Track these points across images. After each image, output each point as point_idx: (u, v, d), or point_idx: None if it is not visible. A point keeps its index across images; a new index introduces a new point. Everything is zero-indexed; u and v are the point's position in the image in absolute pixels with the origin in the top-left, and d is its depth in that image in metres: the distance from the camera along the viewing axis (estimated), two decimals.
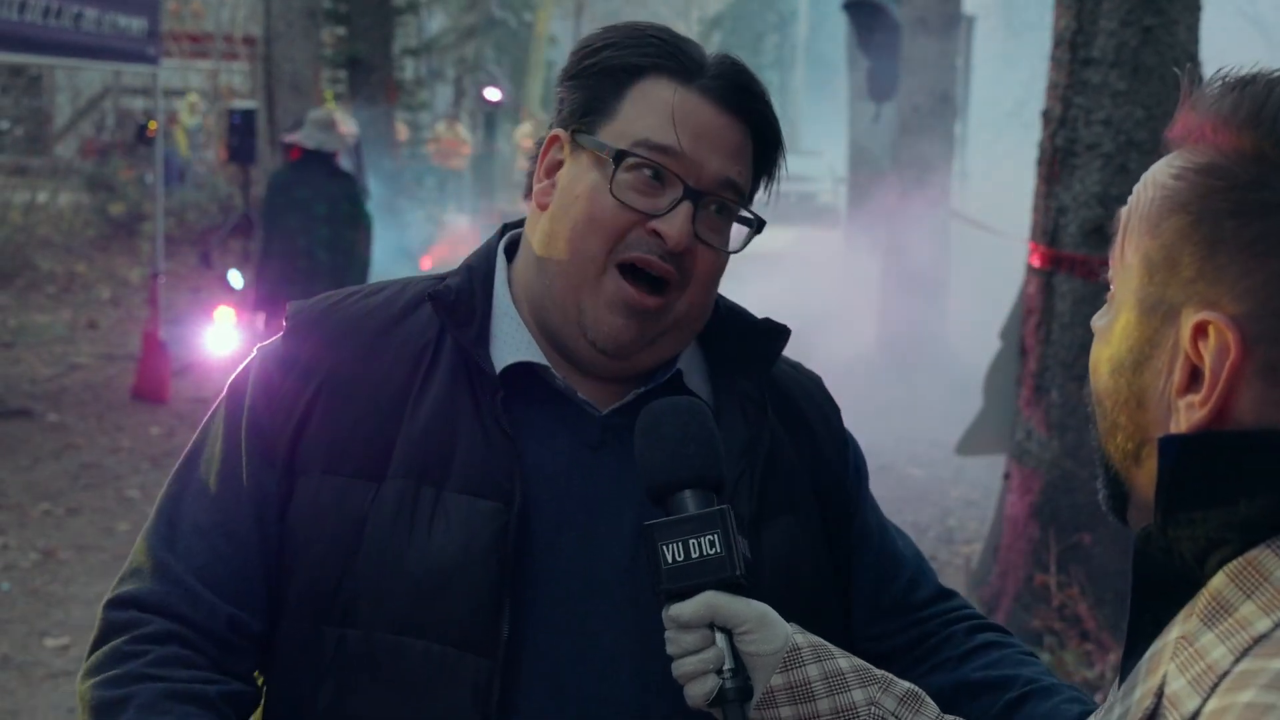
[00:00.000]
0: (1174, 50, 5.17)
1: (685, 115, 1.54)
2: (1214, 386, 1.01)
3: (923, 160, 11.83)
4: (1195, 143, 1.07)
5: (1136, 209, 1.09)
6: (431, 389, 1.56)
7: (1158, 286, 1.05)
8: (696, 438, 1.45)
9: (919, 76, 11.80)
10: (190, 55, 22.38)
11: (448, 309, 1.59)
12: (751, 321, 1.69)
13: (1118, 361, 1.09)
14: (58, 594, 6.47)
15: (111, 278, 16.10)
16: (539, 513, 1.54)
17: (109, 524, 7.51)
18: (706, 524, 1.41)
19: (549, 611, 1.53)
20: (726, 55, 1.60)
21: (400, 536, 1.51)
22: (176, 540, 1.57)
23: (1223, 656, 0.97)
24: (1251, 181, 1.01)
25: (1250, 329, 1.00)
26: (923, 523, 7.88)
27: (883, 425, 10.27)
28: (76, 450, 8.95)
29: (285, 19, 12.32)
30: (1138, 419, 1.08)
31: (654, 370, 1.62)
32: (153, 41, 10.34)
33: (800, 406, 1.73)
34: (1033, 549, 5.43)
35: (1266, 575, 0.99)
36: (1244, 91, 1.04)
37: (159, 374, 10.19)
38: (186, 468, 1.62)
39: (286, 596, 1.56)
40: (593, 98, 1.57)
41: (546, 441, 1.57)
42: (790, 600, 1.60)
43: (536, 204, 1.60)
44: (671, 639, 1.42)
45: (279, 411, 1.57)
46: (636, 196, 1.53)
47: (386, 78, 16.69)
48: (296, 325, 1.63)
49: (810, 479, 1.70)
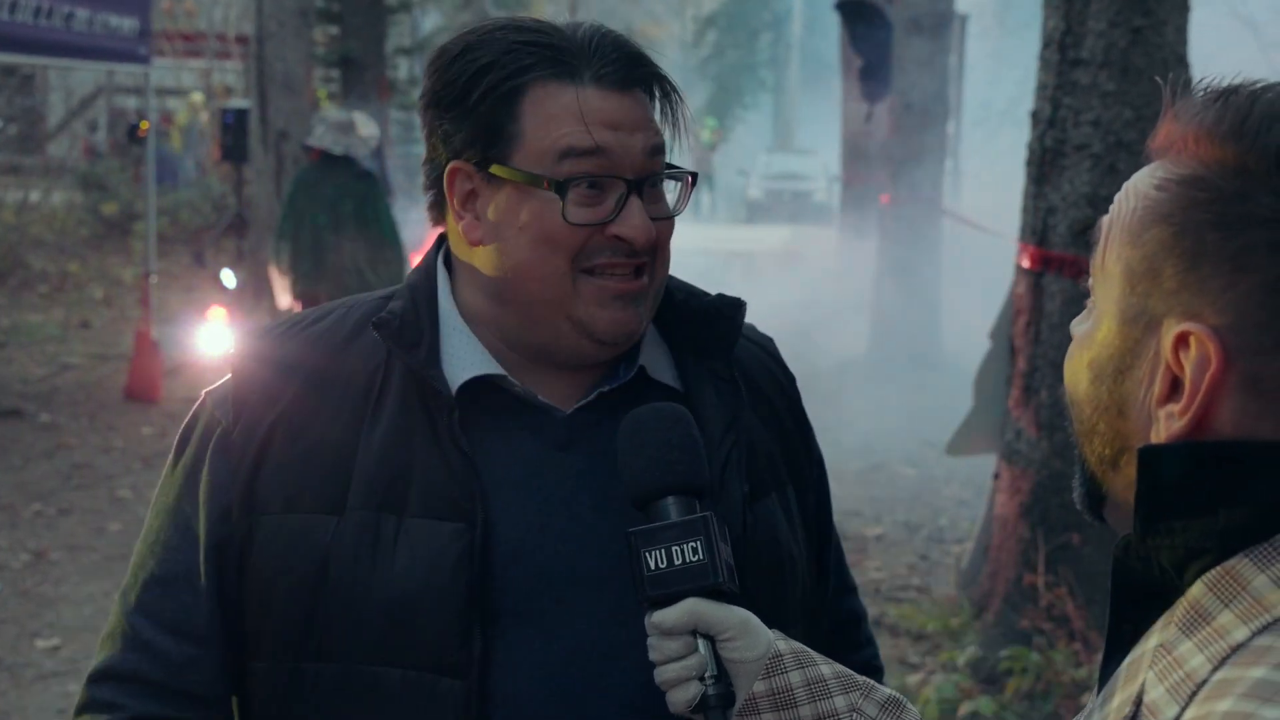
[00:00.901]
0: (1163, 51, 5.17)
1: (594, 113, 1.51)
2: (1194, 397, 1.01)
3: (916, 159, 11.84)
4: (1178, 153, 1.06)
5: (1118, 219, 1.09)
6: (384, 415, 1.55)
7: (1140, 297, 1.05)
8: (679, 444, 1.46)
9: (911, 76, 11.80)
10: (183, 54, 22.36)
11: (394, 334, 1.56)
12: (708, 300, 1.68)
13: (1099, 369, 1.09)
14: (49, 595, 6.46)
15: (104, 277, 16.09)
16: (511, 522, 1.54)
17: (101, 524, 7.50)
18: (689, 531, 1.41)
19: (531, 620, 1.53)
20: (594, 28, 1.56)
21: (364, 567, 1.51)
22: (143, 597, 1.60)
23: (1201, 665, 0.98)
24: (1235, 194, 1.01)
25: (1231, 340, 1.00)
26: (915, 521, 7.90)
27: (875, 424, 10.28)
28: (68, 450, 8.95)
29: (277, 18, 12.30)
30: (1117, 426, 1.08)
31: (617, 363, 1.61)
32: (144, 41, 10.33)
33: (759, 381, 1.72)
34: (1022, 549, 5.44)
35: (1245, 584, 0.99)
36: (1227, 103, 1.04)
37: (151, 374, 10.19)
38: (151, 522, 1.64)
39: (262, 637, 1.57)
40: (487, 125, 1.52)
41: (510, 451, 1.57)
42: (783, 582, 1.62)
43: (466, 239, 1.57)
44: (654, 646, 1.42)
45: (233, 460, 1.57)
46: (586, 211, 1.51)
47: (379, 77, 16.66)
48: (243, 366, 1.62)
49: (782, 455, 1.71)
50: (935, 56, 11.88)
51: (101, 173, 18.98)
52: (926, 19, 11.78)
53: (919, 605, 6.37)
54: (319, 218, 8.26)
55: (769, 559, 1.61)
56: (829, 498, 1.82)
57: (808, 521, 1.73)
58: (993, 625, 5.52)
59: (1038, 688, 5.02)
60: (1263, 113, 1.02)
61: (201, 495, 1.58)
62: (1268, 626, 0.97)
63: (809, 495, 1.75)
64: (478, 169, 1.55)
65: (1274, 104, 1.02)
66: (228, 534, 1.57)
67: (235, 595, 1.57)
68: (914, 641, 5.95)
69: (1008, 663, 5.15)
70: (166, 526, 1.61)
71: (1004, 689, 5.12)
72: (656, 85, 1.58)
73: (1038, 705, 4.99)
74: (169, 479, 1.64)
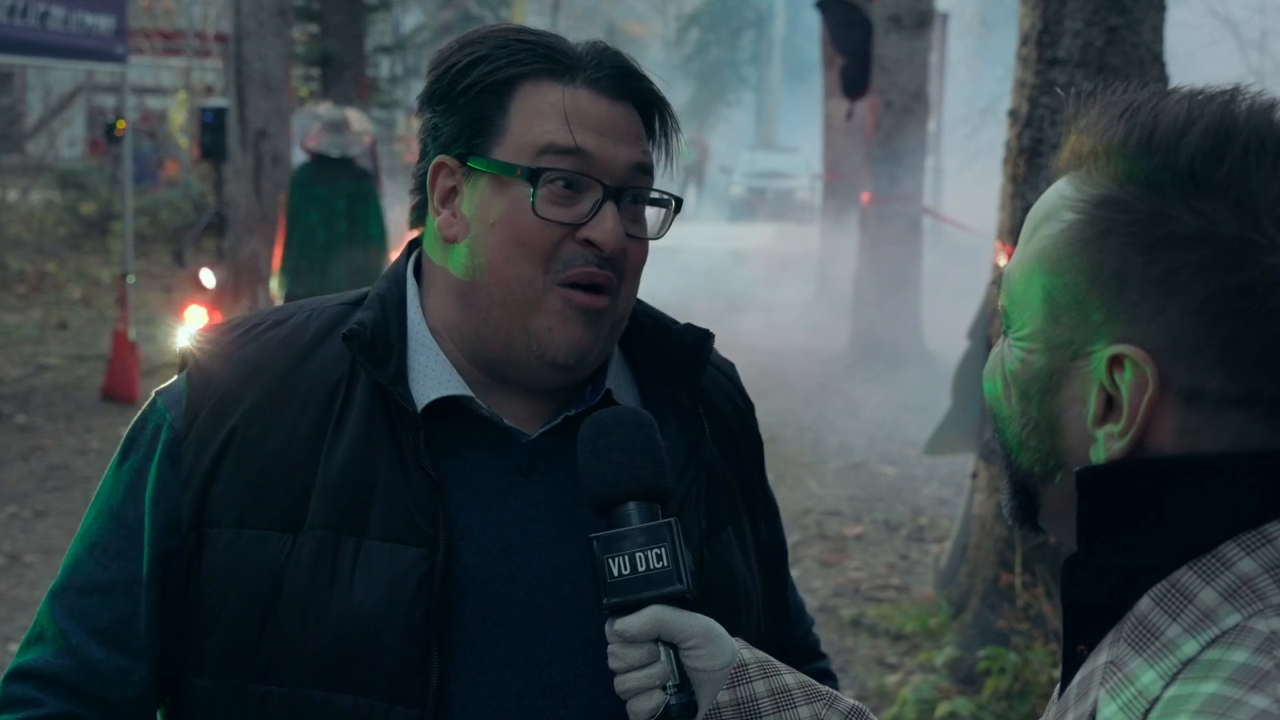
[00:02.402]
0: (1139, 51, 5.17)
1: (580, 114, 1.49)
2: (1133, 418, 1.01)
3: (896, 157, 11.84)
4: (1088, 171, 1.06)
5: (1031, 240, 1.08)
6: (347, 430, 1.50)
7: (1066, 329, 1.05)
8: (643, 449, 1.43)
9: (892, 74, 11.80)
10: (162, 53, 22.26)
11: (363, 348, 1.51)
12: (676, 329, 1.65)
13: (1023, 388, 1.08)
14: (23, 598, 6.42)
15: (82, 277, 16.01)
16: (471, 549, 1.50)
17: (76, 527, 7.43)
18: (653, 537, 1.39)
19: (490, 648, 1.49)
20: (597, 42, 1.55)
21: (321, 589, 1.46)
22: (77, 601, 1.54)
23: (1153, 682, 0.97)
24: (1152, 214, 1.00)
25: (1167, 361, 1.00)
26: (895, 520, 7.89)
27: (855, 423, 10.28)
28: (44, 452, 8.89)
29: (255, 17, 12.25)
30: (1050, 443, 1.08)
31: (583, 387, 1.59)
32: (120, 40, 10.27)
33: (721, 411, 1.70)
34: (999, 549, 5.44)
35: (1191, 597, 0.99)
36: (1133, 119, 1.03)
37: (129, 374, 10.15)
38: (91, 523, 1.57)
39: (205, 652, 1.50)
40: (475, 118, 1.51)
41: (475, 474, 1.53)
42: (738, 614, 1.60)
43: (443, 236, 1.54)
44: (616, 654, 1.39)
45: (184, 468, 1.51)
46: (558, 209, 1.48)
47: (360, 75, 16.63)
48: (199, 367, 1.56)
49: (739, 485, 1.69)
50: (916, 54, 11.88)
51: (80, 172, 18.89)
52: (907, 17, 11.78)
53: (898, 605, 6.37)
54: (312, 215, 8.35)
55: (724, 592, 1.58)
56: (781, 528, 1.81)
57: (761, 551, 1.71)
58: (970, 625, 5.52)
59: (1015, 688, 5.01)
60: (1169, 126, 1.01)
61: (148, 501, 1.52)
62: (1216, 639, 0.97)
63: (760, 524, 1.73)
64: (460, 163, 1.52)
65: (1179, 117, 1.01)
66: (175, 545, 1.51)
67: (178, 608, 1.52)
68: (893, 642, 5.95)
69: (986, 663, 5.14)
70: (108, 529, 1.54)
71: (982, 689, 5.11)
72: (650, 103, 1.56)
73: (1015, 705, 4.99)
74: (114, 479, 1.57)
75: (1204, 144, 0.99)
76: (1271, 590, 0.98)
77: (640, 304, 1.63)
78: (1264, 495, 0.99)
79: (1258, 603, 0.97)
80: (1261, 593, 0.98)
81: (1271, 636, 0.95)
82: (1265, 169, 0.99)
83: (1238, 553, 0.99)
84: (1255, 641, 0.95)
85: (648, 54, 49.02)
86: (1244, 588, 0.98)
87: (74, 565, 1.56)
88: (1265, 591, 0.98)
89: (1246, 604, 0.97)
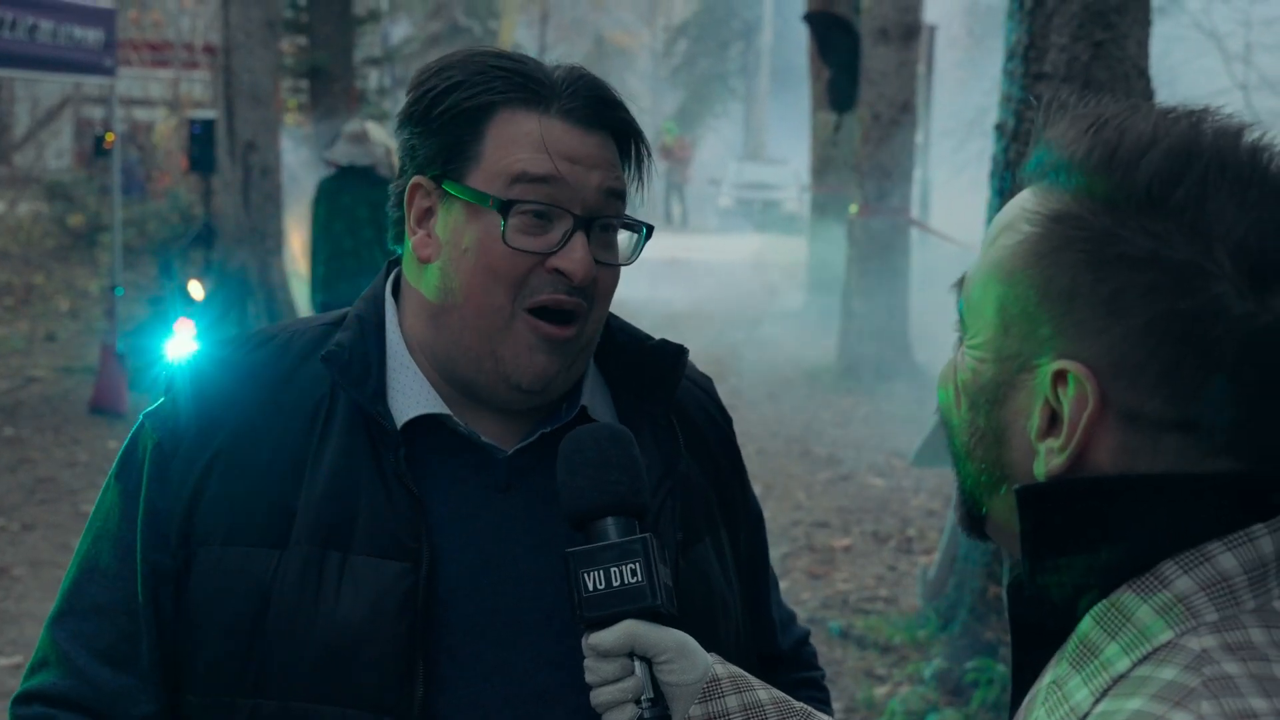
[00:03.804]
0: (1124, 65, 5.20)
1: (554, 142, 1.52)
2: (1073, 434, 1.01)
3: (884, 169, 11.88)
4: (1050, 184, 1.05)
5: (989, 249, 1.08)
6: (329, 448, 1.54)
7: (1015, 340, 1.04)
8: (619, 464, 1.45)
9: (879, 86, 11.85)
10: (151, 64, 22.24)
11: (341, 369, 1.55)
12: (650, 345, 1.68)
13: (973, 397, 1.08)
14: (10, 611, 6.40)
15: (70, 289, 15.98)
16: (452, 563, 1.53)
17: (64, 540, 7.43)
18: (628, 552, 1.41)
19: (472, 661, 1.52)
20: (573, 69, 1.57)
21: (307, 604, 1.49)
22: (79, 625, 1.57)
23: (1085, 699, 0.98)
24: (1105, 234, 0.99)
25: (1109, 379, 0.99)
26: (883, 532, 7.91)
27: (843, 434, 10.30)
28: (32, 464, 8.87)
29: (244, 29, 12.25)
30: (996, 454, 1.07)
31: (559, 404, 1.61)
32: (109, 53, 10.28)
33: (698, 424, 1.73)
34: (986, 560, 5.45)
35: (1129, 616, 0.99)
36: (1097, 135, 1.02)
37: (117, 386, 10.13)
38: (87, 547, 1.60)
39: (196, 668, 1.54)
40: (451, 143, 1.54)
41: (454, 490, 1.56)
42: (716, 626, 1.61)
43: (418, 256, 1.57)
44: (590, 668, 1.42)
45: (172, 488, 1.55)
46: (529, 239, 1.51)
47: (348, 87, 16.63)
48: (184, 390, 1.60)
49: (717, 499, 1.71)
50: (903, 66, 11.93)
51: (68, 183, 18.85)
52: (894, 29, 11.83)
53: (886, 617, 6.38)
54: (336, 225, 8.51)
55: (702, 604, 1.60)
56: (764, 539, 1.82)
57: (740, 562, 1.73)
58: (959, 636, 5.53)
59: (1003, 699, 5.03)
60: (1132, 144, 1.00)
61: (140, 522, 1.56)
62: (1147, 656, 0.97)
63: (740, 535, 1.75)
64: (436, 184, 1.55)
65: (1143, 135, 1.00)
66: (166, 564, 1.54)
67: (171, 626, 1.55)
68: (881, 653, 5.96)
69: (974, 674, 5.16)
70: (105, 552, 1.58)
71: (970, 700, 5.13)
72: (624, 129, 1.58)
73: (1003, 716, 5.00)
74: (106, 502, 1.61)
75: (1164, 165, 0.98)
76: (1206, 608, 0.97)
77: (615, 319, 1.66)
78: (1202, 515, 0.99)
79: (1191, 620, 0.97)
80: (1196, 610, 0.97)
81: (1202, 654, 0.95)
82: (1223, 194, 0.97)
83: (1175, 571, 0.98)
84: (1185, 659, 0.95)
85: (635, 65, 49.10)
86: (1178, 605, 0.98)
87: (72, 590, 1.59)
88: (1200, 609, 0.97)
89: (1180, 621, 0.97)
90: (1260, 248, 0.97)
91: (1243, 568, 0.98)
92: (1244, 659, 0.95)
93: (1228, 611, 0.98)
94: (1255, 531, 0.99)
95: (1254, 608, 0.98)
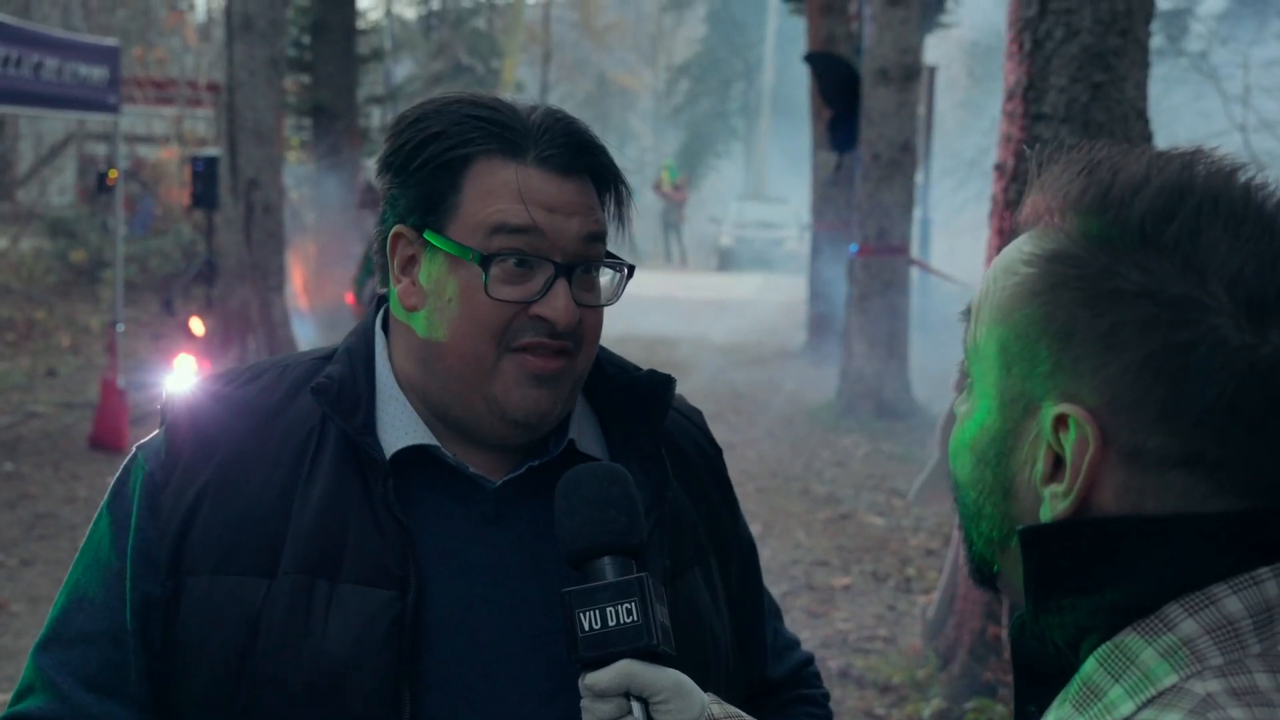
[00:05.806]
0: (1123, 106, 5.23)
1: (532, 193, 1.52)
2: (1075, 478, 1.00)
3: (884, 209, 11.91)
4: (1045, 226, 1.06)
5: (989, 296, 1.08)
6: (319, 479, 1.55)
7: (1017, 380, 1.05)
8: (616, 503, 1.46)
9: (879, 126, 11.89)
10: (155, 101, 22.35)
11: (331, 400, 1.57)
12: (639, 376, 1.69)
13: (980, 452, 1.08)
14: (9, 647, 6.38)
15: (72, 325, 16.00)
16: (441, 593, 1.54)
17: (63, 576, 7.37)
18: (624, 592, 1.41)
19: (460, 691, 1.52)
20: (549, 113, 1.57)
21: (296, 632, 1.50)
22: (65, 653, 1.57)
23: None
24: (1101, 271, 1.00)
25: (1109, 420, 0.99)
26: (882, 571, 7.89)
27: (843, 473, 10.29)
28: (32, 500, 8.86)
29: (248, 67, 12.33)
30: (1004, 509, 1.07)
31: (546, 437, 1.62)
32: (114, 90, 10.33)
33: (688, 454, 1.73)
34: (986, 600, 5.44)
35: (1133, 658, 0.99)
36: (1091, 176, 1.03)
37: (117, 422, 10.13)
38: (78, 576, 1.61)
39: (185, 697, 1.55)
40: (429, 194, 1.55)
41: (442, 521, 1.57)
42: (705, 654, 1.62)
43: (403, 305, 1.58)
44: (587, 708, 1.42)
45: (162, 518, 1.56)
46: (511, 288, 1.52)
47: (351, 126, 16.72)
48: (176, 423, 1.61)
49: (706, 529, 1.72)
50: (904, 107, 11.98)
51: (71, 219, 18.90)
52: (895, 70, 11.89)
53: (886, 656, 6.36)
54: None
55: (691, 633, 1.60)
56: (758, 569, 1.83)
57: (731, 592, 1.73)
58: (958, 677, 5.51)
59: None
60: (1125, 184, 1.01)
61: (130, 551, 1.57)
62: (1152, 700, 0.97)
63: (731, 565, 1.75)
64: (417, 234, 1.56)
65: (1136, 175, 1.01)
66: (155, 593, 1.55)
67: (160, 655, 1.56)
68: (880, 693, 5.93)
69: (973, 714, 5.14)
70: (94, 581, 1.59)
71: None
72: (603, 172, 1.59)
73: None
74: (98, 532, 1.62)
75: (1156, 202, 0.99)
76: (1211, 652, 0.97)
77: (604, 351, 1.67)
78: (1207, 557, 0.98)
79: (1196, 664, 0.97)
80: (1201, 654, 0.97)
81: (1207, 699, 0.95)
82: (1216, 229, 0.98)
83: (1180, 614, 0.98)
84: (1190, 703, 0.95)
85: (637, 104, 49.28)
86: (1183, 649, 0.97)
87: (60, 618, 1.60)
88: (1205, 653, 0.97)
89: (1185, 665, 0.97)
90: (1257, 280, 0.97)
91: (1248, 611, 0.98)
92: (1249, 704, 0.95)
93: (1233, 656, 0.97)
94: (1260, 575, 0.98)
95: (1259, 652, 0.98)
